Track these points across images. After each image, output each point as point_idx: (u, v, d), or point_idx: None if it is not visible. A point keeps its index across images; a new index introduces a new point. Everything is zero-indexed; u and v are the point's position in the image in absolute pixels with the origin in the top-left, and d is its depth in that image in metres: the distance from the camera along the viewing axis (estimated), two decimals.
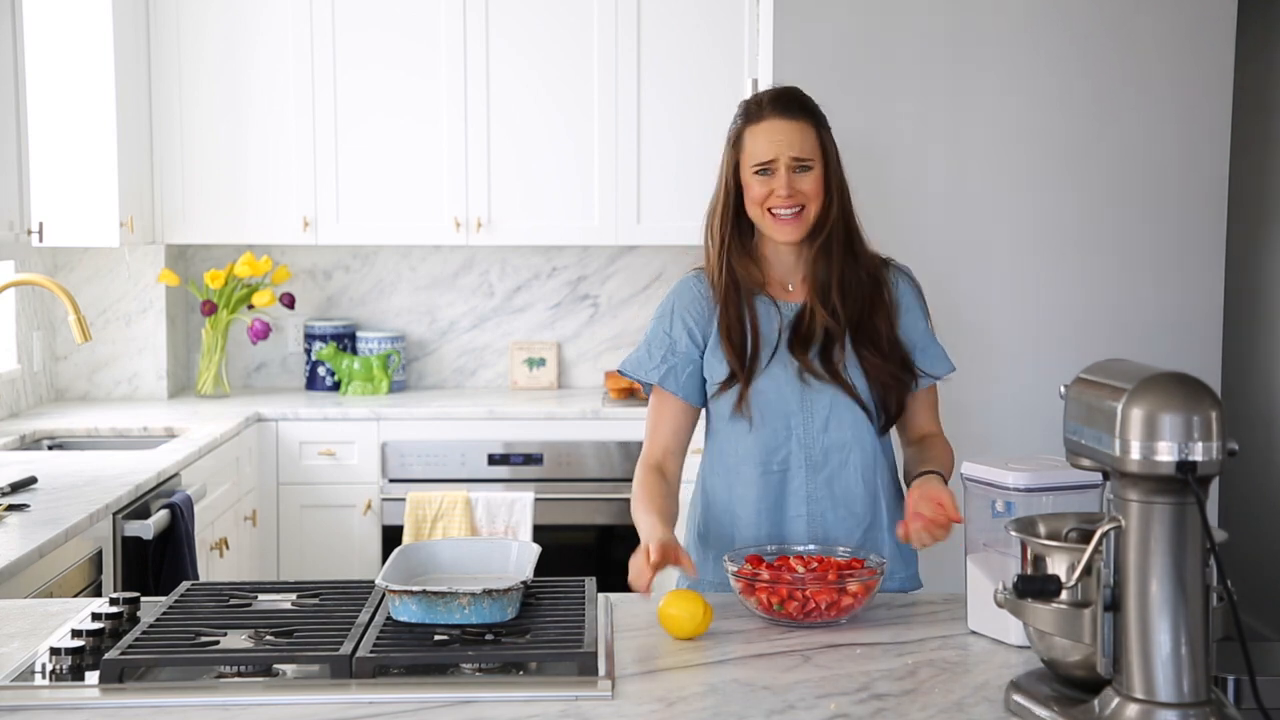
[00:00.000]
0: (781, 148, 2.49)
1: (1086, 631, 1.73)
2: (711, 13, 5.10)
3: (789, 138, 2.49)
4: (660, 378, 2.57)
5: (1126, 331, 3.25)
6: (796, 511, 2.53)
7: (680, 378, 2.57)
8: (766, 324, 2.54)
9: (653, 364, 2.58)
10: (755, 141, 2.51)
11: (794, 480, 2.53)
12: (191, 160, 5.15)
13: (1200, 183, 3.26)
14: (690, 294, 2.61)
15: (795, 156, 2.49)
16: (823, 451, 2.53)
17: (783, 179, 2.48)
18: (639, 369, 2.59)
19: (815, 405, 2.52)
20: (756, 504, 2.54)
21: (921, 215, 3.25)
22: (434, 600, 2.05)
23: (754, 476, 2.54)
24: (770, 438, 2.52)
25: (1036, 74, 3.22)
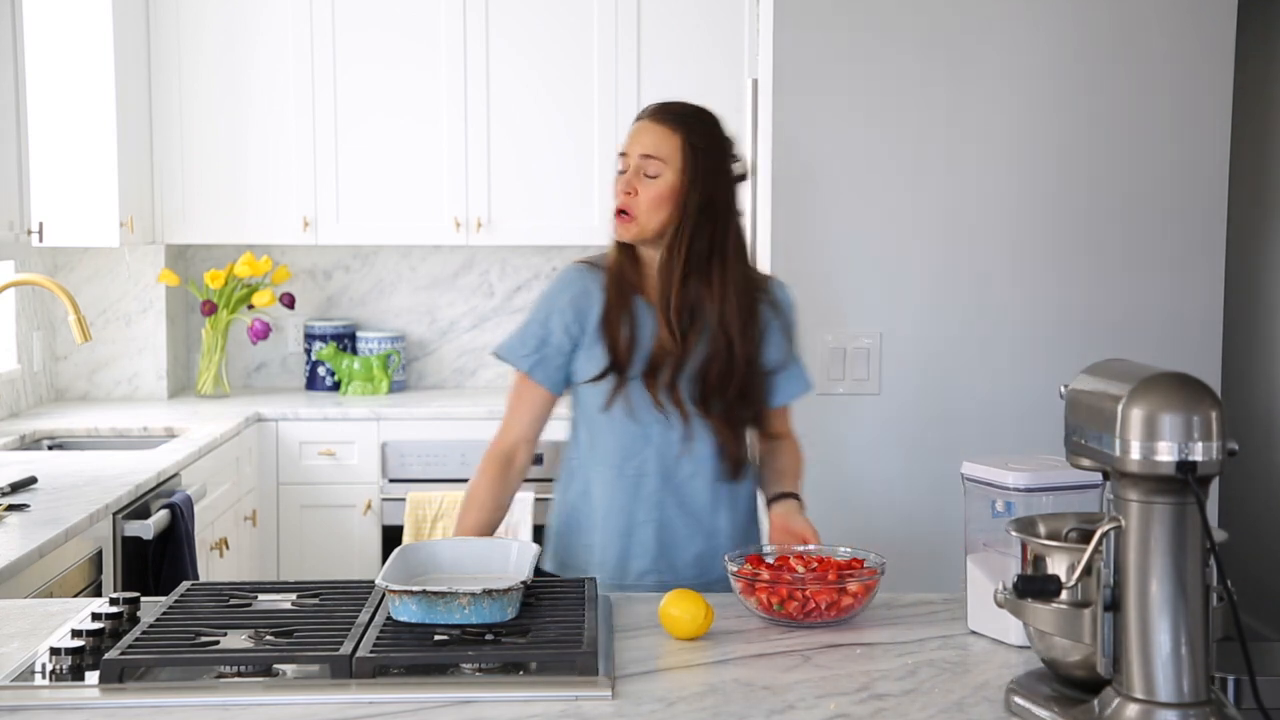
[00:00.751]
0: (634, 144, 2.53)
1: (1086, 631, 1.73)
2: (711, 13, 5.10)
3: (644, 136, 2.52)
4: (530, 366, 2.60)
5: (1126, 331, 3.25)
6: (646, 516, 2.58)
7: (549, 369, 2.60)
8: (642, 330, 2.57)
9: (525, 351, 2.60)
10: (625, 137, 2.57)
11: (647, 486, 2.58)
12: (191, 160, 5.15)
13: (1200, 183, 3.26)
14: (573, 286, 2.61)
15: (644, 154, 2.51)
16: (676, 460, 2.57)
17: (628, 178, 2.52)
18: (512, 354, 2.62)
19: (674, 418, 2.56)
20: (608, 504, 2.59)
21: (920, 215, 3.25)
22: (434, 600, 2.05)
23: (610, 477, 2.59)
24: (630, 442, 2.57)
25: (1036, 74, 3.22)
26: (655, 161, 2.51)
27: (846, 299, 3.24)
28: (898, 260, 3.24)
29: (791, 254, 3.22)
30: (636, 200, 2.52)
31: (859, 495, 3.24)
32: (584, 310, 2.58)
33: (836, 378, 3.23)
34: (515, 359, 2.61)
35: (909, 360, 3.25)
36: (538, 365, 2.59)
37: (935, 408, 3.26)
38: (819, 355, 3.20)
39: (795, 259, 3.22)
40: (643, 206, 2.52)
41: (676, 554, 2.59)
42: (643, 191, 2.52)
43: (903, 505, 3.26)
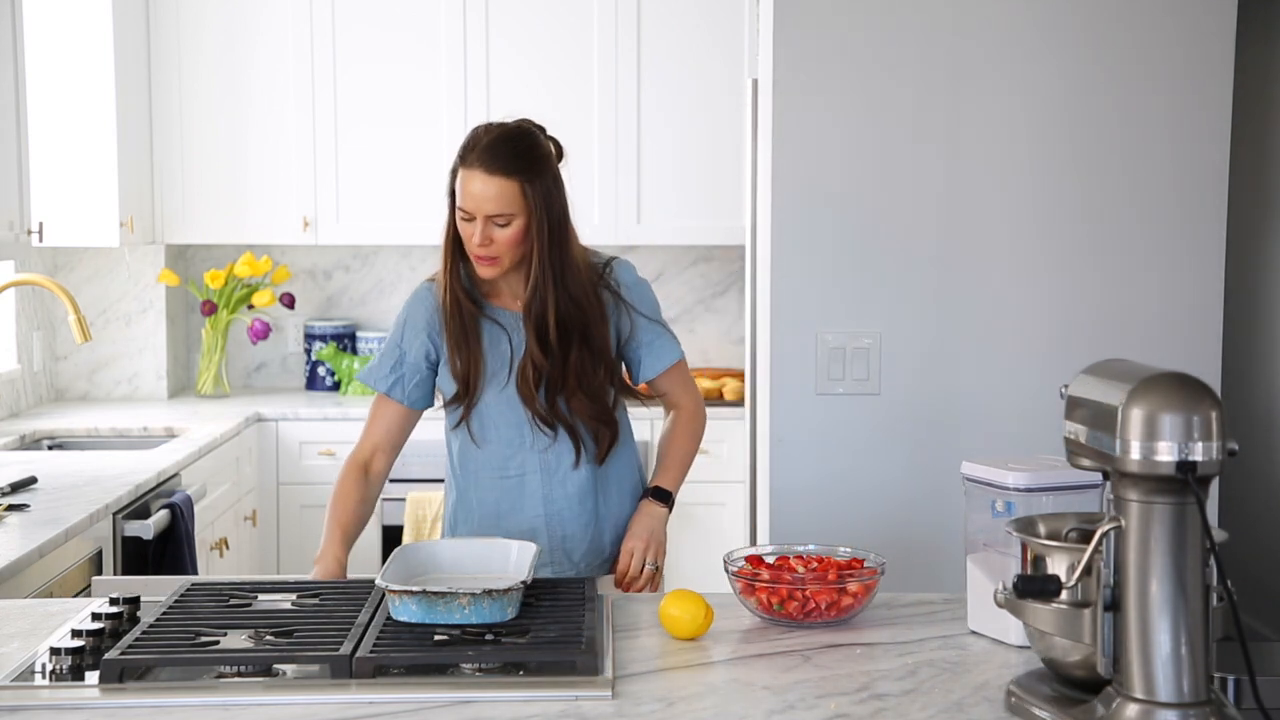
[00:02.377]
0: (481, 205, 2.54)
1: (1086, 631, 1.73)
2: (711, 13, 5.10)
3: (486, 194, 2.53)
4: (388, 387, 2.69)
5: (1126, 331, 3.25)
6: (534, 512, 2.66)
7: (407, 387, 2.69)
8: (492, 343, 2.63)
9: (383, 373, 2.69)
10: (461, 187, 2.57)
11: (530, 484, 2.65)
12: (191, 160, 5.15)
13: (1200, 183, 3.25)
14: (424, 305, 2.68)
15: (490, 215, 2.54)
16: (556, 455, 2.65)
17: (479, 230, 2.55)
18: (371, 377, 2.71)
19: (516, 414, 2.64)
20: (495, 506, 2.67)
21: (921, 215, 3.25)
22: (434, 600, 2.05)
23: (491, 480, 2.67)
24: (504, 448, 2.65)
25: (1036, 74, 3.22)
26: (501, 217, 2.55)
27: (846, 299, 3.23)
28: (898, 260, 3.24)
29: (791, 254, 3.22)
30: (495, 247, 2.56)
31: (859, 495, 3.24)
32: (435, 327, 2.66)
33: (836, 378, 3.23)
34: (374, 381, 2.69)
35: (909, 360, 3.25)
36: (395, 384, 2.68)
37: (935, 408, 3.26)
38: (819, 355, 3.20)
39: (795, 259, 3.22)
40: (503, 249, 2.57)
41: (571, 543, 2.67)
42: (498, 238, 2.56)
43: (903, 505, 3.26)
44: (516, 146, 2.59)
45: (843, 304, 3.24)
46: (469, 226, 2.56)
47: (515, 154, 2.57)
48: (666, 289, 5.42)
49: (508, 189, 2.54)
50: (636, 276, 2.75)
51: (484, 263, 2.58)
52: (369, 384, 2.71)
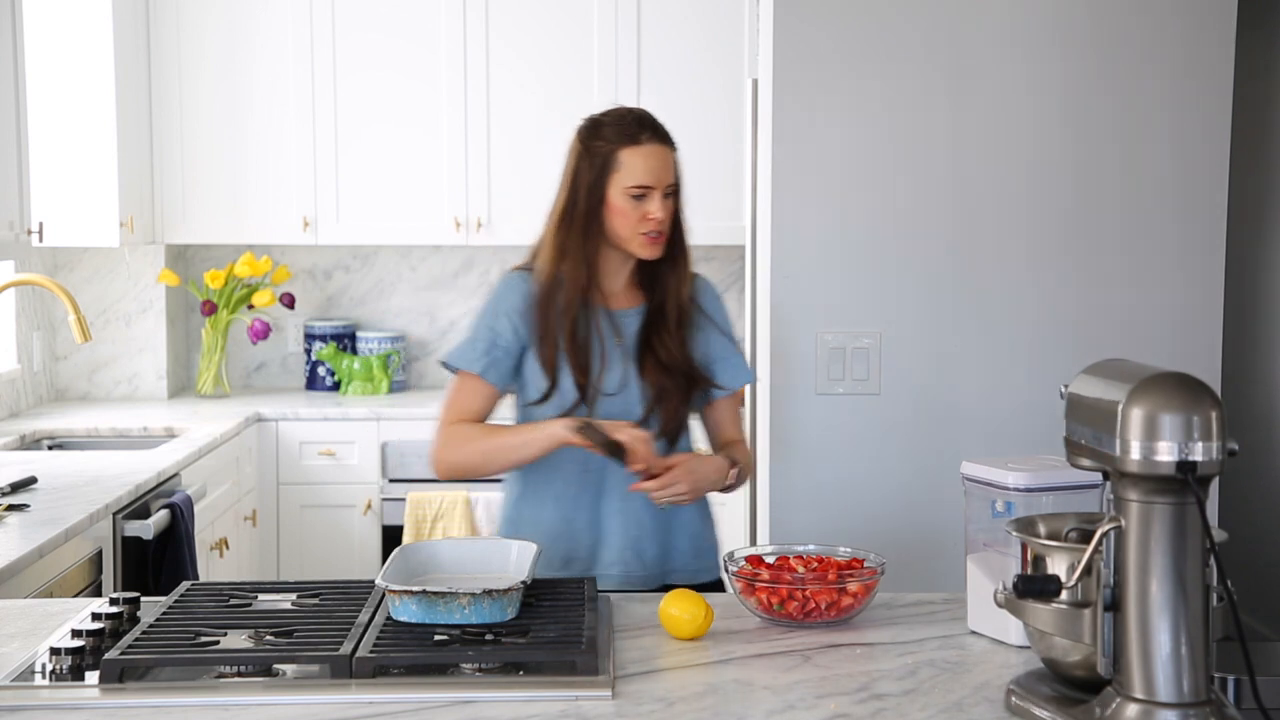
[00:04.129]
0: (660, 175, 2.57)
1: (1086, 631, 1.73)
2: (711, 13, 5.10)
3: (665, 165, 2.59)
4: (483, 369, 2.62)
5: (1126, 331, 3.25)
6: (611, 509, 2.61)
7: (501, 370, 2.63)
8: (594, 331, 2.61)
9: (475, 354, 2.63)
10: (634, 163, 2.57)
11: (610, 480, 2.59)
12: (191, 160, 5.16)
13: (1200, 183, 3.25)
14: (516, 292, 2.66)
15: (669, 184, 2.59)
16: None
17: (658, 203, 2.57)
18: (462, 359, 2.64)
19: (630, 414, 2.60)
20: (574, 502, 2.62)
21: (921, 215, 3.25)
22: (434, 600, 2.05)
23: (574, 474, 2.61)
24: None
25: (1036, 74, 3.22)
26: (673, 185, 2.61)
27: (846, 299, 3.23)
28: (898, 260, 3.24)
29: (791, 254, 3.22)
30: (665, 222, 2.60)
31: (859, 495, 3.24)
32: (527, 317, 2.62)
33: (836, 378, 3.23)
34: (466, 363, 2.63)
35: (909, 360, 3.25)
36: (490, 367, 2.63)
37: (935, 408, 3.26)
38: (819, 355, 3.20)
39: (795, 259, 3.22)
40: (669, 222, 2.61)
41: (643, 544, 2.62)
42: (667, 211, 2.60)
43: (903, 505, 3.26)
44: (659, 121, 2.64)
45: (843, 304, 3.24)
46: (641, 206, 2.57)
47: (666, 128, 2.63)
48: None
49: (674, 160, 2.62)
50: (717, 292, 2.79)
51: (657, 240, 2.60)
52: (459, 366, 2.63)
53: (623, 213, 2.57)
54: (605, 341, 2.61)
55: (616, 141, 2.58)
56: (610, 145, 2.58)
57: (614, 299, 2.66)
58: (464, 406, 2.64)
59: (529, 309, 2.62)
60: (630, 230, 2.58)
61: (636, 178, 2.56)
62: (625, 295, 2.67)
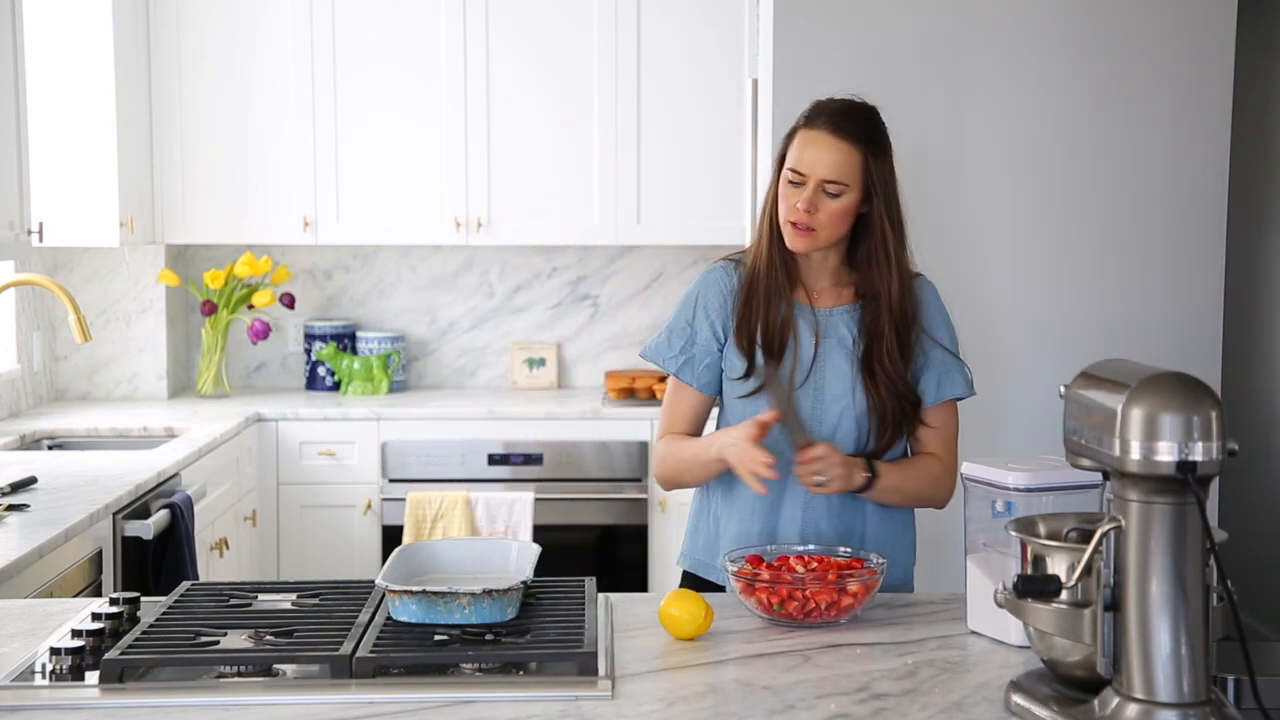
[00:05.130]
0: (817, 167, 2.43)
1: (1086, 631, 1.73)
2: (711, 13, 5.10)
3: (829, 158, 2.43)
4: (678, 368, 2.57)
5: (1126, 331, 3.25)
6: (791, 515, 2.53)
7: (697, 369, 2.57)
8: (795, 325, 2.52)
9: (672, 353, 2.58)
10: (799, 148, 2.46)
11: (792, 485, 2.50)
12: (191, 160, 5.15)
13: (1200, 183, 3.26)
14: (717, 285, 2.58)
15: (826, 179, 2.43)
16: None
17: (807, 196, 2.43)
18: (659, 355, 2.60)
19: (824, 415, 2.51)
20: (754, 500, 2.53)
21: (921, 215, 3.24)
22: (434, 600, 2.05)
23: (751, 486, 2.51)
24: (776, 441, 2.48)
25: (1036, 74, 3.22)
26: (837, 185, 2.44)
27: None
28: None
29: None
30: (817, 217, 2.44)
31: None
32: (727, 309, 2.54)
33: None
34: (662, 360, 2.59)
35: None
36: (685, 365, 2.56)
37: None
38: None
39: None
40: (824, 222, 2.45)
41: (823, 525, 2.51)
42: (824, 209, 2.44)
43: None
44: (866, 119, 2.49)
45: None
46: (795, 192, 2.44)
47: (863, 124, 2.47)
48: (666, 289, 5.42)
49: (851, 157, 2.43)
50: (938, 298, 2.59)
51: (800, 232, 2.44)
52: (655, 361, 2.59)
53: (781, 195, 2.47)
54: (800, 338, 2.51)
55: (801, 121, 2.49)
56: (796, 124, 2.50)
57: (818, 295, 2.54)
58: (675, 410, 2.60)
59: (726, 302, 2.54)
60: (782, 215, 2.46)
61: (794, 160, 2.45)
62: (831, 293, 2.54)
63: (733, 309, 2.54)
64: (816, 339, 2.52)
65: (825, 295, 2.55)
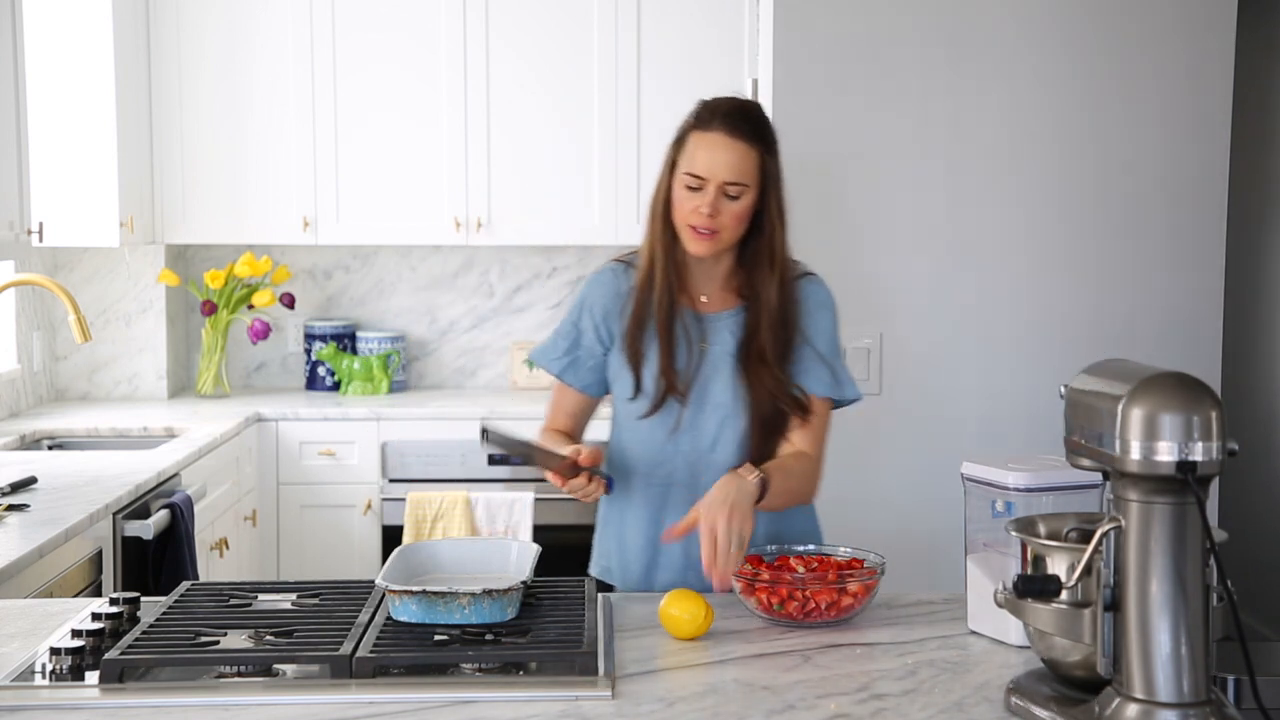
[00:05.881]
0: (718, 169, 2.39)
1: (1086, 631, 1.73)
2: (711, 13, 5.10)
3: (728, 160, 2.39)
4: (561, 370, 2.57)
5: (1126, 331, 3.25)
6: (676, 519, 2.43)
7: (581, 371, 2.56)
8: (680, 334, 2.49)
9: (556, 354, 2.57)
10: (695, 152, 2.42)
11: (675, 495, 2.49)
12: (191, 160, 5.15)
13: (1200, 183, 3.26)
14: (604, 288, 2.55)
15: (727, 181, 2.40)
16: (706, 469, 2.48)
17: (709, 199, 2.40)
18: (544, 358, 2.59)
19: (706, 423, 2.49)
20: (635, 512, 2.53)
21: (921, 214, 3.25)
22: (434, 600, 2.05)
23: (637, 485, 2.53)
24: (659, 450, 2.50)
25: (1036, 74, 3.22)
26: (737, 186, 2.41)
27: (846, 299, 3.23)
28: (898, 260, 3.24)
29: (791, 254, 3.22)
30: (719, 220, 2.40)
31: (859, 495, 3.24)
32: (615, 311, 2.52)
33: None
34: (547, 362, 2.58)
35: (909, 360, 3.25)
36: (569, 368, 2.55)
37: (935, 408, 3.26)
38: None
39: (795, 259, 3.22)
40: (726, 224, 2.42)
41: None
42: (725, 211, 2.40)
43: (903, 505, 3.26)
44: (758, 117, 2.46)
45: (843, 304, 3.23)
46: (694, 197, 2.40)
47: (757, 123, 2.45)
48: None
49: (748, 158, 2.40)
50: (826, 298, 2.56)
51: (704, 237, 2.41)
52: (540, 364, 2.58)
53: (678, 201, 2.43)
54: (692, 345, 2.48)
55: (691, 123, 2.45)
56: (686, 126, 2.46)
57: (705, 303, 2.52)
58: (557, 406, 2.60)
59: (614, 306, 2.51)
60: (681, 220, 2.43)
61: (691, 165, 2.41)
62: (718, 297, 2.52)
63: (622, 312, 2.51)
64: (703, 346, 2.49)
65: (712, 300, 2.52)
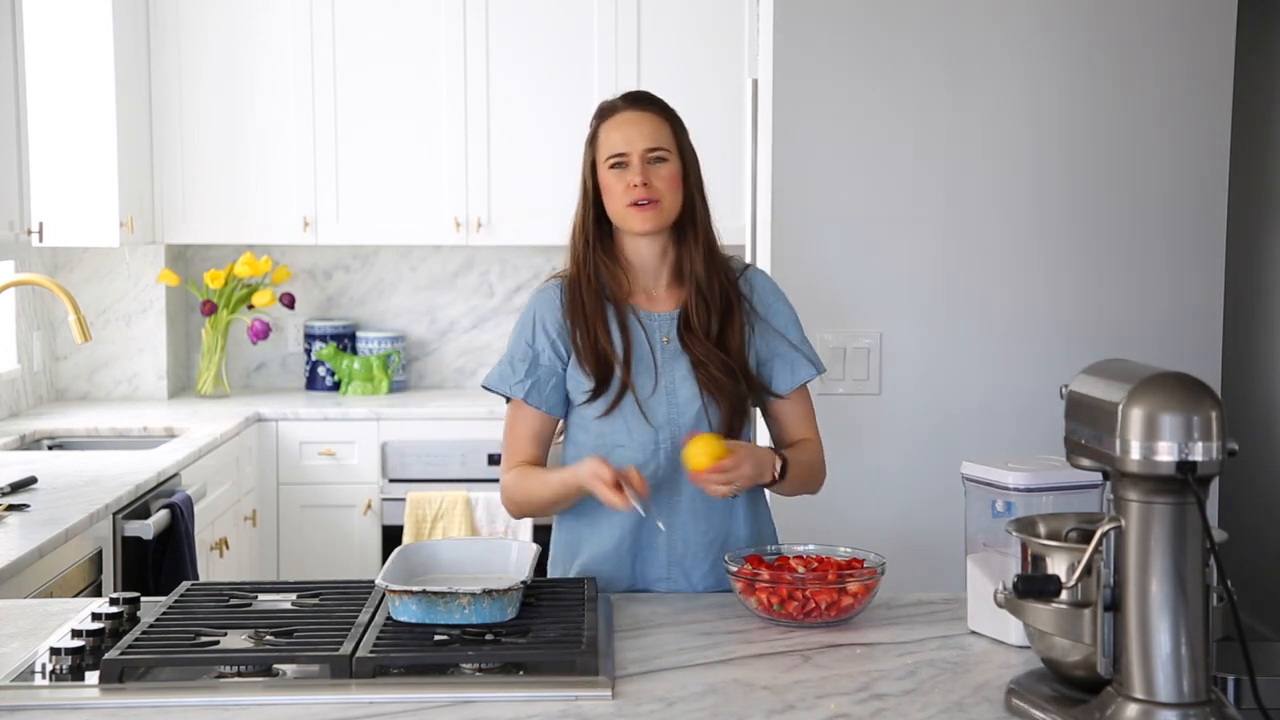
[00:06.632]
0: (634, 140, 2.47)
1: (1086, 631, 1.73)
2: (711, 14, 5.10)
3: (641, 129, 2.48)
4: (525, 393, 2.50)
5: (1126, 331, 3.25)
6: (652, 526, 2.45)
7: (544, 391, 2.51)
8: (636, 334, 2.49)
9: (516, 378, 2.51)
10: (609, 135, 2.49)
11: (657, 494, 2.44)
12: (191, 160, 5.16)
13: (1200, 182, 3.26)
14: (551, 304, 2.53)
15: (649, 147, 2.46)
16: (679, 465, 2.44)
17: (637, 169, 2.45)
18: (503, 384, 2.52)
19: (684, 419, 2.47)
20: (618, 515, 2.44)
21: (921, 214, 3.25)
22: (434, 600, 2.05)
23: None
24: (639, 451, 2.46)
25: (1036, 75, 3.22)
26: (660, 150, 2.47)
27: (846, 299, 3.23)
28: (898, 260, 3.24)
29: (791, 254, 3.23)
30: (655, 187, 2.45)
31: (859, 495, 3.24)
32: (565, 326, 2.50)
33: (836, 378, 3.23)
34: (507, 388, 2.52)
35: (909, 360, 3.25)
36: (532, 390, 2.50)
37: (935, 408, 3.26)
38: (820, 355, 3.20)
39: (795, 259, 3.22)
40: (662, 190, 2.46)
41: (690, 561, 2.49)
42: (656, 177, 2.46)
43: (903, 505, 3.26)
44: (657, 97, 2.57)
45: (843, 304, 3.24)
46: (623, 176, 2.46)
47: (658, 100, 2.56)
48: None
49: (660, 125, 2.49)
50: (774, 285, 2.59)
51: (646, 209, 2.44)
52: (499, 390, 2.52)
53: (609, 189, 2.47)
54: (651, 342, 2.48)
55: (599, 119, 2.53)
56: (595, 124, 2.55)
57: (656, 301, 2.52)
58: (519, 438, 2.53)
59: (564, 320, 2.50)
60: (618, 205, 2.46)
61: (611, 146, 2.48)
62: (668, 296, 2.52)
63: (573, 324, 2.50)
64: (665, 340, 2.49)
65: (662, 300, 2.53)
